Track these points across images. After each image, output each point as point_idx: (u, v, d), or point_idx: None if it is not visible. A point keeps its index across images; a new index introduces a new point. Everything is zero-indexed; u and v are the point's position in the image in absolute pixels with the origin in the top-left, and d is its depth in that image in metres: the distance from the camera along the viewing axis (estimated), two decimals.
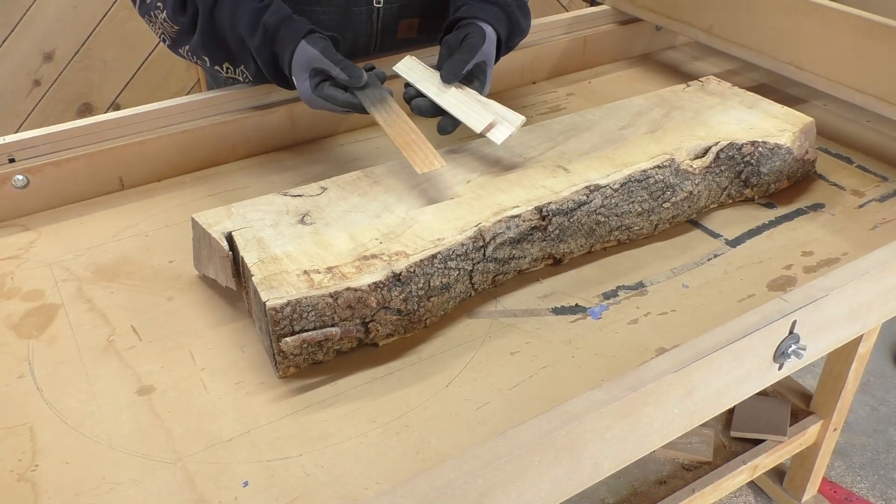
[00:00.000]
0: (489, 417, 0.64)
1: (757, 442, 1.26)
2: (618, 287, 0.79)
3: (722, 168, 0.87)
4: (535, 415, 0.55)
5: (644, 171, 0.82)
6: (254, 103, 1.02)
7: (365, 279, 0.67)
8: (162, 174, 0.97)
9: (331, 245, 0.72)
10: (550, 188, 0.79)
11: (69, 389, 0.67)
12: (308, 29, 0.86)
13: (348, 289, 0.66)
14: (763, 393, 1.34)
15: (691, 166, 0.85)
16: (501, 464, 0.52)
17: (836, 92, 1.01)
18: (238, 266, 0.73)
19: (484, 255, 0.75)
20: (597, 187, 0.79)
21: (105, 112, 1.23)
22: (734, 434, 1.27)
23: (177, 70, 2.23)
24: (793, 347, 0.68)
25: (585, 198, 0.79)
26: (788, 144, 0.89)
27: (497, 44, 0.93)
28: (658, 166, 0.83)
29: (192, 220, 0.76)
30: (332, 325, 0.66)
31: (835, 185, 0.95)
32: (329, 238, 0.73)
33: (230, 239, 0.73)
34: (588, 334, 0.73)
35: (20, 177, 0.89)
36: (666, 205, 0.84)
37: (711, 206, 0.90)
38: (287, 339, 0.65)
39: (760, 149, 0.88)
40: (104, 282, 0.80)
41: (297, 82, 0.86)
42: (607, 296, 0.78)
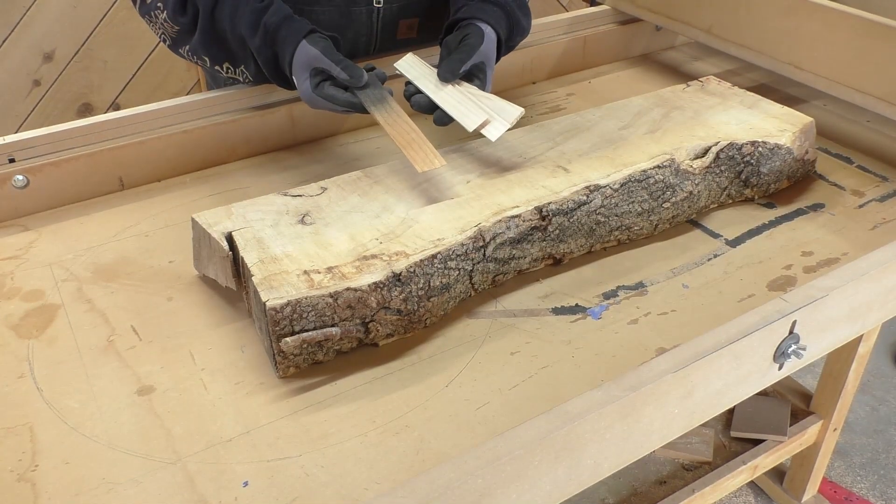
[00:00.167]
0: (489, 417, 0.64)
1: (757, 442, 1.26)
2: (618, 287, 0.79)
3: (722, 168, 0.87)
4: (535, 415, 0.55)
5: (644, 171, 0.82)
6: (254, 103, 1.02)
7: (365, 279, 0.67)
8: (162, 174, 0.97)
9: (331, 245, 0.72)
10: (550, 188, 0.79)
11: (69, 389, 0.67)
12: (309, 29, 0.86)
13: (348, 289, 0.66)
14: (763, 393, 1.34)
15: (691, 166, 0.85)
16: (501, 464, 0.52)
17: (836, 92, 1.01)
18: (238, 266, 0.73)
19: (484, 255, 0.75)
20: (597, 187, 0.79)
21: (105, 112, 1.23)
22: (734, 434, 1.27)
23: (177, 70, 2.23)
24: (793, 347, 0.68)
25: (585, 198, 0.79)
26: (788, 144, 0.89)
27: (497, 43, 0.93)
28: (658, 166, 0.83)
29: (192, 220, 0.76)
30: (332, 326, 0.66)
31: (835, 185, 0.95)
32: (329, 238, 0.73)
33: (230, 239, 0.73)
34: (588, 334, 0.73)
35: (20, 177, 0.89)
36: (666, 205, 0.84)
37: (711, 206, 0.90)
38: (287, 339, 0.65)
39: (760, 149, 0.88)
40: (104, 282, 0.80)
41: (298, 82, 0.86)
42: (607, 296, 0.78)
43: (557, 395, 0.66)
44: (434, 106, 0.85)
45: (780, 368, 0.70)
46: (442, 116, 0.84)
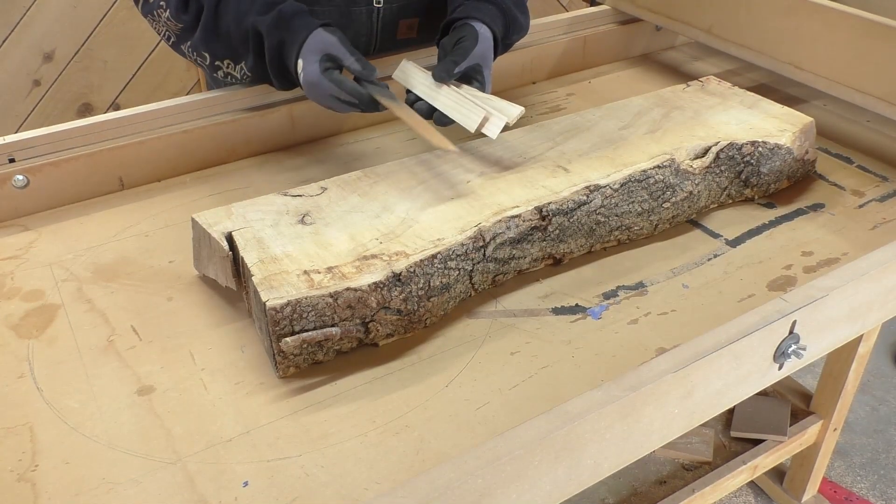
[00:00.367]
0: (489, 417, 0.64)
1: (757, 442, 1.26)
2: (618, 287, 0.79)
3: (722, 168, 0.87)
4: (535, 415, 0.55)
5: (644, 171, 0.82)
6: (254, 103, 1.02)
7: (365, 279, 0.67)
8: (162, 174, 0.97)
9: (331, 245, 0.72)
10: (550, 188, 0.79)
11: (69, 389, 0.67)
12: (324, 21, 0.87)
13: (348, 289, 0.66)
14: (763, 393, 1.34)
15: (691, 166, 0.85)
16: (501, 464, 0.52)
17: (836, 92, 1.01)
18: (238, 266, 0.73)
19: (484, 255, 0.75)
20: (597, 187, 0.79)
21: (105, 112, 1.23)
22: (734, 434, 1.27)
23: (176, 70, 2.23)
24: (793, 347, 0.68)
25: (585, 198, 0.79)
26: (788, 144, 0.89)
27: (494, 42, 0.93)
28: (658, 166, 0.83)
29: (192, 220, 0.76)
30: (332, 325, 0.66)
31: (835, 185, 0.95)
32: (329, 238, 0.73)
33: (230, 239, 0.73)
34: (588, 334, 0.73)
35: (20, 177, 0.89)
36: (666, 205, 0.84)
37: (711, 206, 0.90)
38: (287, 339, 0.65)
39: (760, 149, 0.88)
40: (104, 282, 0.80)
41: (305, 64, 0.85)
42: (607, 296, 0.78)
43: (557, 395, 0.66)
44: (435, 110, 0.85)
45: (780, 368, 0.70)
46: (442, 116, 0.84)
